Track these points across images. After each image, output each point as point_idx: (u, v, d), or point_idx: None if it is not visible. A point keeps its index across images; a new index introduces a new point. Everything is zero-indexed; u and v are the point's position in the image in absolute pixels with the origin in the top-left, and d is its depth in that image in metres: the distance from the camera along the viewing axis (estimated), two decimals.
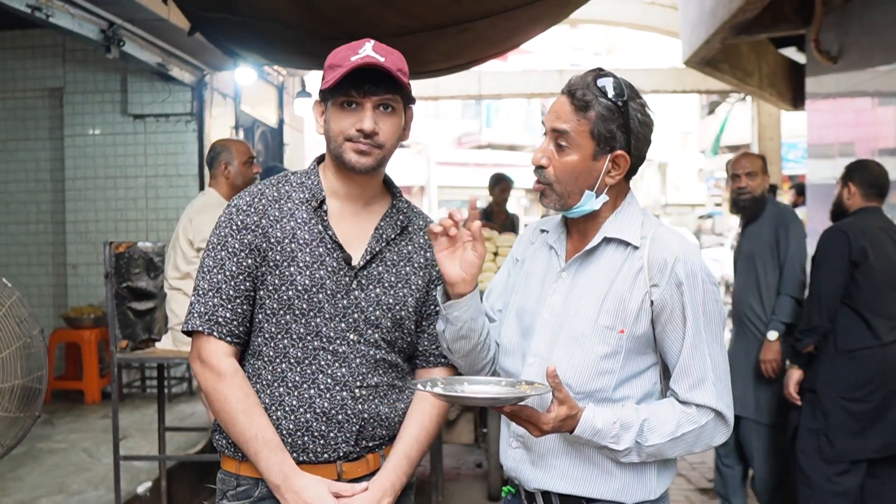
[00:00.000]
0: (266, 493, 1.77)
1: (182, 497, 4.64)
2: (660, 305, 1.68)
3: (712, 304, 1.71)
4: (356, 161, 1.77)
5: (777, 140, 12.18)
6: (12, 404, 3.48)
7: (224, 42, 4.98)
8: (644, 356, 1.73)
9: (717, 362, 1.70)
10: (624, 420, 1.64)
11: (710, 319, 1.70)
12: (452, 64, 5.00)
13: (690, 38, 8.00)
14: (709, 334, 1.69)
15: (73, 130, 7.02)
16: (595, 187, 1.72)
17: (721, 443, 1.73)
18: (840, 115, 6.63)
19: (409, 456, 1.83)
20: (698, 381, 1.68)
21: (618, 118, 1.69)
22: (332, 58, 1.78)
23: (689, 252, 1.70)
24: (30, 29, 6.68)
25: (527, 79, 13.36)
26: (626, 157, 1.71)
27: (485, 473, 5.19)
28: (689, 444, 1.69)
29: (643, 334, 1.70)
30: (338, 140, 1.77)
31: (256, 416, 1.74)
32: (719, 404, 1.68)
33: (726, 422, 1.70)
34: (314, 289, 1.76)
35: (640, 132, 1.72)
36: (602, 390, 1.70)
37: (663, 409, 1.68)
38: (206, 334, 1.77)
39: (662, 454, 1.69)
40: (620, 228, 1.74)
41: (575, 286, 1.75)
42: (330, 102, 1.78)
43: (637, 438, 1.65)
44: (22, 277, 6.89)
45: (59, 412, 6.07)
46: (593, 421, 1.62)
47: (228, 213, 1.81)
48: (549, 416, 1.59)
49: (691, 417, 1.67)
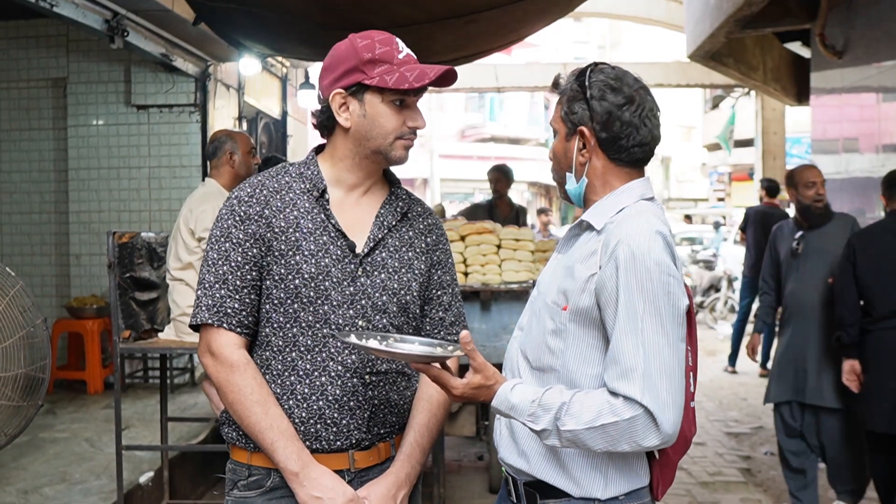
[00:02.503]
0: (278, 483, 1.77)
1: (184, 487, 4.65)
2: (599, 286, 1.62)
3: (658, 292, 1.58)
4: (403, 156, 1.82)
5: (781, 135, 12.17)
6: (15, 393, 3.50)
7: (229, 32, 4.98)
8: (591, 339, 1.67)
9: (652, 354, 1.55)
10: (545, 400, 1.59)
11: (654, 308, 1.57)
12: (457, 56, 5.00)
13: (695, 31, 7.98)
14: (649, 324, 1.57)
15: (77, 121, 7.01)
16: (573, 168, 1.77)
17: (652, 446, 1.56)
18: (845, 111, 6.62)
19: (420, 444, 1.85)
20: (626, 371, 1.55)
21: (580, 94, 1.74)
22: (369, 51, 1.75)
23: (636, 236, 1.61)
24: (34, 18, 6.67)
25: (531, 72, 13.35)
26: (588, 130, 1.72)
27: (486, 466, 5.20)
28: (612, 438, 1.56)
29: (587, 313, 1.65)
30: (388, 138, 1.79)
31: (271, 407, 1.74)
32: (646, 399, 1.53)
33: (656, 422, 1.53)
34: (320, 276, 1.77)
35: (601, 103, 1.70)
36: (552, 369, 1.70)
37: (591, 396, 1.59)
38: (215, 326, 1.77)
39: (583, 443, 1.58)
40: (595, 213, 1.74)
41: (555, 266, 1.81)
42: (371, 96, 1.77)
43: (556, 421, 1.58)
44: (25, 267, 6.89)
45: (62, 402, 6.08)
46: (509, 395, 1.62)
47: (230, 205, 1.81)
48: (459, 381, 1.61)
49: (615, 409, 1.55)
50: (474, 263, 4.74)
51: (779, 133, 12.11)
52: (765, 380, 8.21)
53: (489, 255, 4.77)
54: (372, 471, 1.82)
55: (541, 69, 13.53)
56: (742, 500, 4.93)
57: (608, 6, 11.64)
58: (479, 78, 11.90)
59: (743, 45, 8.60)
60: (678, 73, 12.31)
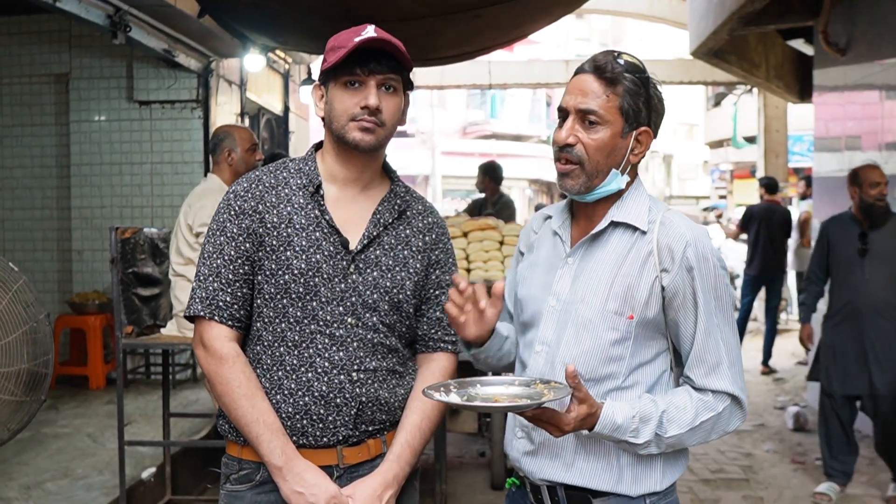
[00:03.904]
0: (267, 477, 1.77)
1: (186, 483, 4.66)
2: (672, 291, 1.66)
3: (723, 288, 1.69)
4: (360, 139, 1.77)
5: (783, 132, 12.15)
6: (18, 388, 3.50)
7: (233, 24, 4.97)
8: (654, 342, 1.71)
9: (730, 346, 1.69)
10: (643, 413, 1.62)
11: (722, 303, 1.68)
12: (461, 51, 5.00)
13: (698, 28, 7.97)
14: (721, 319, 1.68)
15: (79, 116, 7.01)
16: (621, 166, 1.70)
17: (736, 428, 1.71)
18: (847, 108, 6.60)
19: (411, 445, 1.83)
20: (713, 367, 1.66)
21: (643, 93, 1.68)
22: (334, 41, 1.79)
23: (699, 236, 1.68)
24: (36, 14, 6.67)
25: (533, 69, 13.34)
26: (650, 134, 1.72)
27: (488, 462, 5.20)
28: (706, 432, 1.68)
29: (653, 320, 1.68)
30: (341, 120, 1.78)
31: (258, 400, 1.75)
32: (735, 388, 1.67)
33: (742, 406, 1.70)
34: (310, 272, 1.76)
35: (660, 109, 1.74)
36: (612, 377, 1.69)
37: (680, 398, 1.66)
38: (207, 319, 1.78)
39: (682, 444, 1.67)
40: (628, 212, 1.72)
41: (581, 271, 1.73)
42: (332, 83, 1.79)
43: (657, 430, 1.63)
44: (27, 263, 6.89)
45: (64, 397, 6.08)
46: (613, 417, 1.59)
47: (226, 200, 1.83)
48: (569, 417, 1.55)
49: (709, 405, 1.66)
50: (477, 260, 4.74)
51: (781, 131, 12.09)
52: (766, 378, 8.25)
53: (492, 252, 4.77)
54: (362, 467, 1.81)
55: (543, 66, 13.53)
56: (744, 497, 4.93)
57: (611, 3, 11.62)
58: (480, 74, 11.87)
59: (746, 42, 8.58)
60: (681, 71, 12.29)
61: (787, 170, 12.51)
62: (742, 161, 20.84)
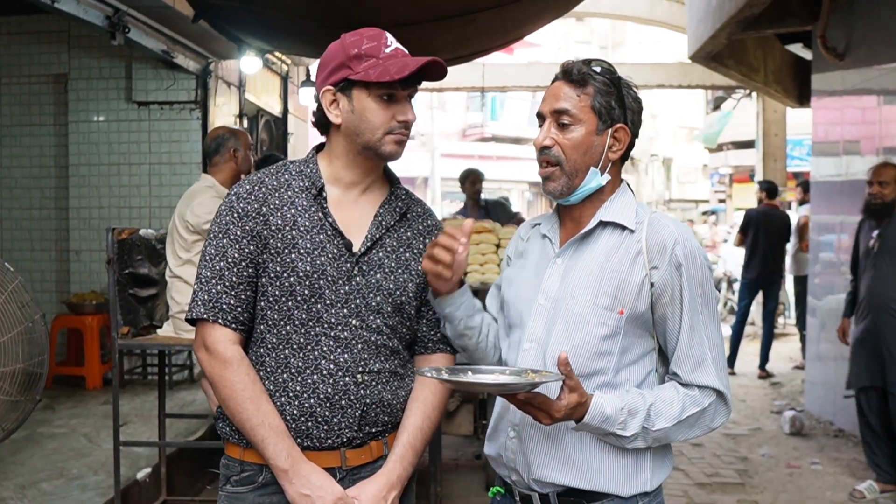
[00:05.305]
0: (270, 479, 1.78)
1: (181, 483, 4.65)
2: (660, 287, 1.70)
3: (709, 285, 1.74)
4: (395, 151, 1.81)
5: (782, 137, 12.16)
6: (13, 388, 3.50)
7: (228, 28, 4.97)
8: (642, 340, 1.74)
9: (714, 343, 1.73)
10: (631, 405, 1.65)
11: (708, 300, 1.73)
12: (458, 55, 5.01)
13: (696, 32, 7.98)
14: (706, 315, 1.72)
15: (78, 117, 7.01)
16: (599, 163, 1.75)
17: (720, 425, 1.74)
18: (846, 113, 6.61)
19: (413, 446, 1.84)
20: (699, 363, 1.70)
21: (614, 92, 1.74)
22: (356, 47, 1.77)
23: (686, 235, 1.73)
24: (35, 14, 6.66)
25: (532, 71, 13.34)
26: (626, 131, 1.76)
27: (483, 465, 5.19)
28: (692, 427, 1.71)
29: (642, 316, 1.71)
30: (377, 133, 1.78)
31: (263, 403, 1.75)
32: (720, 384, 1.70)
33: (726, 403, 1.73)
34: (315, 275, 1.77)
35: (635, 108, 1.78)
36: (601, 372, 1.71)
37: (667, 392, 1.70)
38: (210, 322, 1.78)
39: (668, 438, 1.70)
40: (616, 212, 1.77)
41: (571, 269, 1.77)
42: (361, 92, 1.77)
43: (644, 423, 1.65)
44: (25, 263, 6.90)
45: (60, 397, 6.08)
46: (603, 408, 1.62)
47: (229, 202, 1.82)
48: (560, 404, 1.57)
49: (695, 400, 1.69)
50: (473, 262, 4.75)
51: (780, 135, 12.10)
52: (763, 382, 8.26)
53: (488, 255, 4.78)
54: (364, 469, 1.82)
55: (542, 69, 13.52)
56: (739, 501, 4.93)
57: (610, 7, 11.64)
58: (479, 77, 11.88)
59: (744, 46, 8.59)
60: (680, 74, 12.31)
61: (785, 174, 12.52)
62: (741, 165, 20.88)
